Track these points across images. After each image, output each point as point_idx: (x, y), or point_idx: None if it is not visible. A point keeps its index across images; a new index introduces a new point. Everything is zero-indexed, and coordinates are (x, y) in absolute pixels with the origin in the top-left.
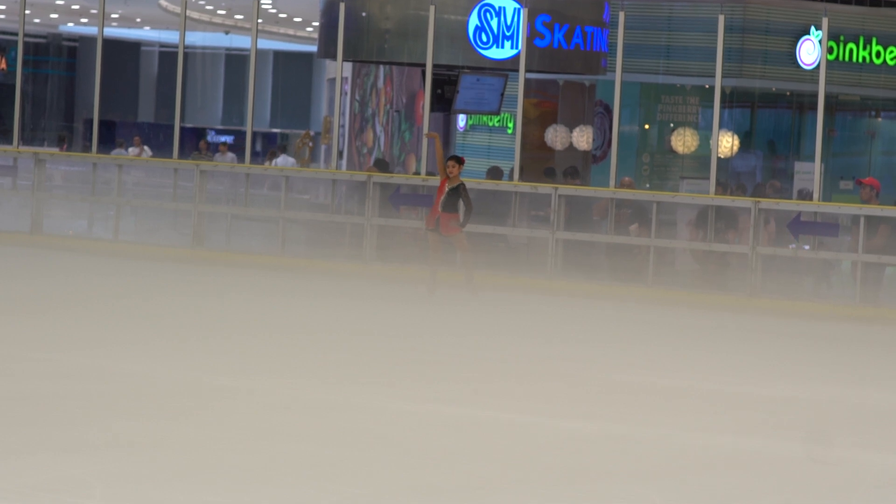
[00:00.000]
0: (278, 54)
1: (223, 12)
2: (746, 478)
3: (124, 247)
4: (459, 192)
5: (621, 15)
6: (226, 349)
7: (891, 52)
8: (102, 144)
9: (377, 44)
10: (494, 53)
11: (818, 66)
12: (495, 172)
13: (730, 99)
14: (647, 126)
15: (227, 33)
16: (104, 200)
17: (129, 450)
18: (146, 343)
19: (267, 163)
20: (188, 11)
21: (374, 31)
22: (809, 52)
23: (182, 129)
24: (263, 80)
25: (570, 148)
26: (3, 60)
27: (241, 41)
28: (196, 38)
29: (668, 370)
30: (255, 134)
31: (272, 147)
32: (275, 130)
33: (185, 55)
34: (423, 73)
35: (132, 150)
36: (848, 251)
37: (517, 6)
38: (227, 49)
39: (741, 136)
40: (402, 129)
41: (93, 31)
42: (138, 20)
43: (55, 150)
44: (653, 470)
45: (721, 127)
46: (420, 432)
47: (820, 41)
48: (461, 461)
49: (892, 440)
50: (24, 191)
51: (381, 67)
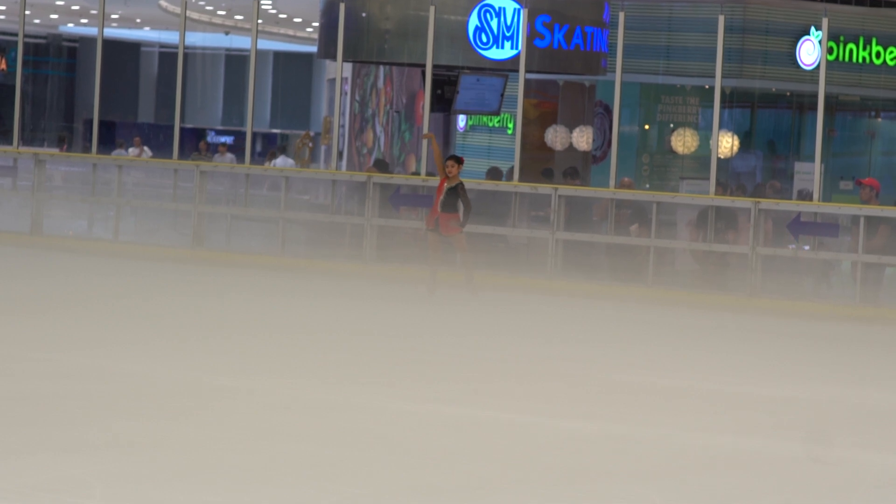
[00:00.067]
0: (278, 55)
1: (223, 13)
2: (746, 478)
3: (124, 247)
4: (458, 191)
5: (621, 15)
6: (226, 349)
7: (891, 52)
8: (102, 145)
9: (377, 44)
10: (494, 54)
11: (818, 66)
12: (494, 173)
13: (730, 99)
14: (647, 126)
15: (227, 34)
16: (104, 201)
17: (129, 450)
18: (146, 343)
19: (267, 163)
20: (188, 12)
21: (374, 32)
22: (809, 52)
23: (182, 130)
24: (263, 81)
25: (570, 148)
26: (3, 61)
27: (241, 42)
28: (196, 39)
29: (668, 370)
30: (255, 134)
31: (272, 148)
32: (275, 131)
33: (185, 56)
34: (423, 74)
35: (132, 151)
36: (848, 251)
37: (517, 6)
38: (227, 49)
39: (741, 137)
40: (402, 129)
41: (93, 31)
42: (138, 21)
43: (55, 151)
44: (653, 470)
45: (721, 127)
46: (420, 432)
47: (820, 41)
48: (461, 461)
49: (892, 440)
50: (24, 191)
51: (381, 68)
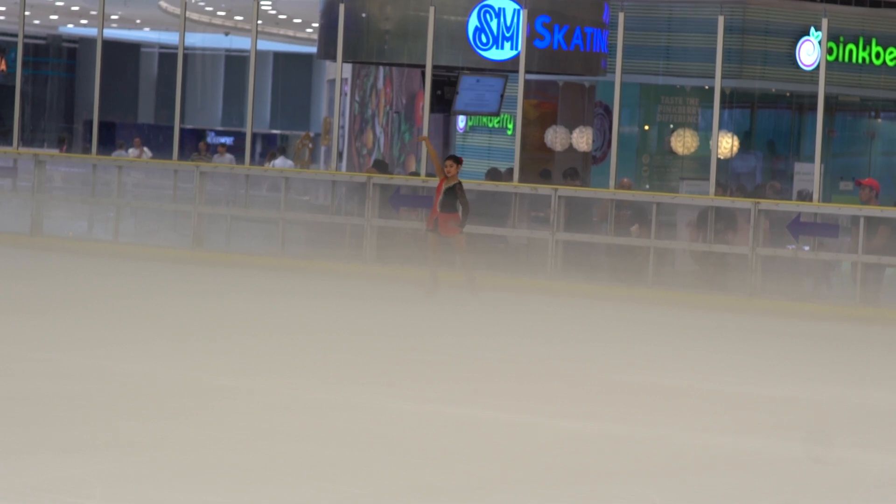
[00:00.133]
0: (278, 55)
1: (223, 14)
2: (746, 478)
3: (124, 248)
4: (456, 191)
5: (621, 16)
6: (226, 349)
7: (890, 52)
8: (102, 146)
9: (377, 45)
10: (494, 54)
11: (818, 66)
12: (494, 174)
13: (729, 100)
14: (646, 127)
15: (226, 34)
16: (104, 202)
17: (129, 450)
18: (146, 343)
19: (267, 164)
20: (188, 13)
21: (373, 33)
22: (809, 52)
23: (182, 131)
24: (263, 82)
25: (570, 149)
26: (3, 62)
27: (241, 42)
28: (196, 40)
29: (668, 370)
30: (254, 135)
31: (272, 148)
32: (275, 132)
33: (185, 56)
34: (423, 75)
35: (132, 152)
36: (848, 252)
37: (517, 7)
38: (227, 50)
39: (741, 137)
40: (402, 130)
41: (92, 32)
42: (138, 21)
43: (55, 152)
44: (653, 470)
45: (721, 128)
46: (420, 432)
47: (820, 42)
48: (461, 461)
49: (892, 440)
50: (24, 192)
51: (381, 68)
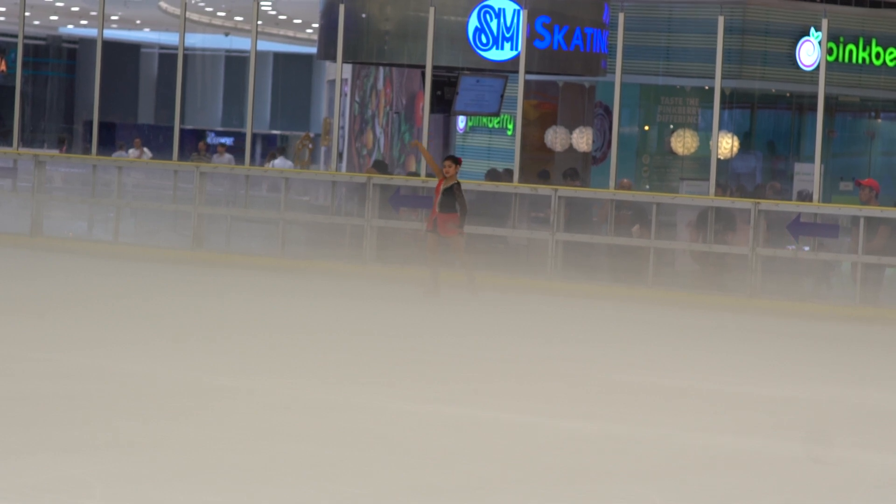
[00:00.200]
0: (278, 56)
1: (223, 14)
2: (746, 478)
3: (124, 248)
4: (454, 191)
5: (621, 16)
6: (226, 349)
7: (890, 53)
8: (102, 146)
9: (377, 45)
10: (494, 55)
11: (818, 67)
12: (494, 175)
13: (729, 100)
14: (646, 127)
15: (226, 35)
16: (104, 202)
17: (129, 450)
18: (146, 343)
19: (267, 164)
20: (188, 13)
21: (373, 33)
22: (809, 53)
23: (182, 131)
24: (263, 82)
25: (570, 149)
26: (3, 62)
27: (241, 43)
28: (196, 40)
29: (668, 370)
30: (254, 136)
31: (272, 149)
32: (275, 132)
33: (185, 57)
34: (423, 75)
35: (132, 152)
36: (848, 252)
37: (517, 7)
38: (227, 51)
39: (741, 138)
40: (402, 130)
41: (92, 32)
42: (138, 22)
43: (55, 152)
44: (653, 470)
45: (721, 128)
46: (420, 432)
47: (820, 42)
48: (461, 461)
49: (892, 440)
50: (24, 192)
51: (381, 69)
